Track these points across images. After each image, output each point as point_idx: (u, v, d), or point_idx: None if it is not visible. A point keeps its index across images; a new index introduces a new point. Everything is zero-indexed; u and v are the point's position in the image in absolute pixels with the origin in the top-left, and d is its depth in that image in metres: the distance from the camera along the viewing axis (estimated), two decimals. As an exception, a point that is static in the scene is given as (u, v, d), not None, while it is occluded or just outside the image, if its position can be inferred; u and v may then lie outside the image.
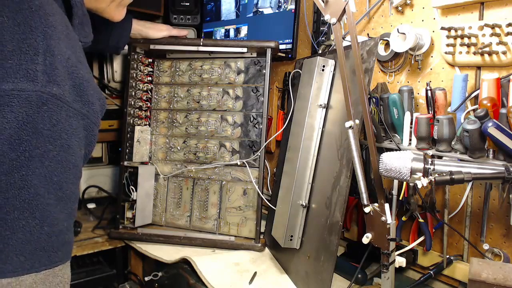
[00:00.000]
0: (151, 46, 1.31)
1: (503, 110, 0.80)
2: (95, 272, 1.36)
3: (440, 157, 0.90)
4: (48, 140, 0.59)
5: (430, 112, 0.97)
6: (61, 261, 0.63)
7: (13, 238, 0.58)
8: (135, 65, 1.33)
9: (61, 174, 0.62)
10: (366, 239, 0.79)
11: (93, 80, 0.68)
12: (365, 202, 0.78)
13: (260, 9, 1.48)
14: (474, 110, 0.88)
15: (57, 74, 0.58)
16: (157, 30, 1.30)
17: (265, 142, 1.24)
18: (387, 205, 0.76)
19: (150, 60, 1.37)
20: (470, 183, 0.95)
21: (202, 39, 1.29)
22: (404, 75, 1.09)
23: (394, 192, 1.03)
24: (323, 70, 1.04)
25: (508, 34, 0.83)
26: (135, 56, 1.33)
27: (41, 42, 0.57)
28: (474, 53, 0.89)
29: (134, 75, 1.33)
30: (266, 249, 1.24)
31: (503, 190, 0.88)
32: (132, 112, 1.33)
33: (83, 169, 0.78)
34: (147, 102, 1.36)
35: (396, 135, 1.02)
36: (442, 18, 0.99)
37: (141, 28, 1.27)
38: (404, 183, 1.00)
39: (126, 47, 1.31)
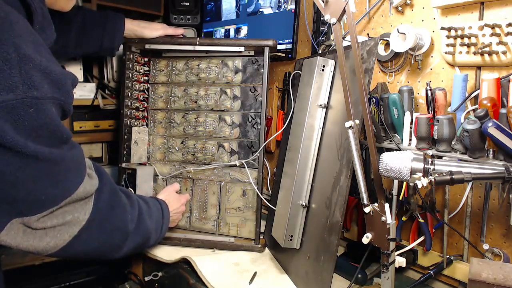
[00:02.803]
0: (147, 46, 1.29)
1: (503, 110, 0.80)
2: (95, 272, 1.36)
3: (440, 157, 0.90)
4: (40, 128, 0.67)
5: (430, 112, 0.97)
6: None
7: None
8: (130, 65, 1.32)
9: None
10: (366, 239, 0.79)
11: (64, 69, 0.75)
12: (365, 202, 0.78)
13: (260, 9, 1.48)
14: (474, 110, 0.88)
15: (34, 80, 0.65)
16: (152, 30, 1.28)
17: (264, 142, 1.23)
18: (387, 205, 0.76)
19: (146, 59, 1.36)
20: (470, 183, 0.95)
21: (198, 38, 1.27)
22: (404, 75, 1.09)
23: (394, 192, 1.03)
24: (323, 70, 1.04)
25: (508, 34, 0.83)
26: (130, 56, 1.32)
27: (13, 54, 0.63)
28: (474, 53, 0.89)
29: (130, 75, 1.32)
30: (266, 249, 1.24)
31: (503, 190, 0.88)
32: (129, 113, 1.33)
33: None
34: (144, 102, 1.35)
35: (396, 135, 1.02)
36: (442, 18, 0.99)
37: (135, 28, 1.26)
38: (404, 183, 1.00)
39: (121, 47, 1.31)
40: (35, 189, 0.70)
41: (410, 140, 0.99)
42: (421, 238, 1.02)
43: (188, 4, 1.68)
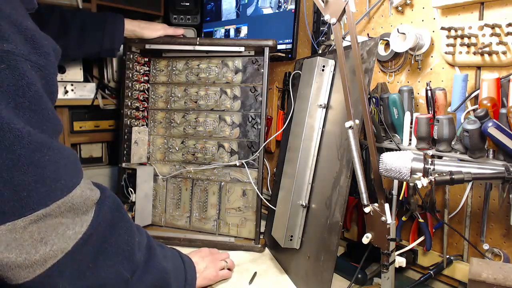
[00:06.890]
0: (147, 46, 1.29)
1: (503, 110, 0.80)
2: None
3: (440, 157, 0.90)
4: (17, 94, 0.56)
5: (430, 112, 0.97)
6: None
7: None
8: (130, 65, 1.32)
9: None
10: (366, 239, 0.79)
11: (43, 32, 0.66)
12: (365, 202, 0.78)
13: (260, 10, 1.48)
14: (474, 110, 0.88)
15: (2, 30, 0.55)
16: (152, 30, 1.28)
17: (264, 142, 1.23)
18: (387, 205, 0.76)
19: (146, 59, 1.36)
20: (470, 183, 0.95)
21: (198, 38, 1.28)
22: (404, 75, 1.09)
23: (394, 192, 1.03)
24: (323, 70, 1.04)
25: (508, 34, 0.83)
26: (131, 56, 1.32)
27: None
28: (474, 53, 0.89)
29: (130, 75, 1.32)
30: (266, 249, 1.24)
31: (503, 190, 0.88)
32: (129, 113, 1.33)
33: (83, 169, 0.78)
34: (144, 102, 1.36)
35: (396, 135, 1.02)
36: (442, 18, 0.99)
37: (135, 28, 1.26)
38: (404, 183, 1.00)
39: (122, 47, 1.30)
40: (11, 180, 0.54)
41: (410, 140, 0.98)
42: (421, 238, 1.02)
43: (188, 4, 1.68)
